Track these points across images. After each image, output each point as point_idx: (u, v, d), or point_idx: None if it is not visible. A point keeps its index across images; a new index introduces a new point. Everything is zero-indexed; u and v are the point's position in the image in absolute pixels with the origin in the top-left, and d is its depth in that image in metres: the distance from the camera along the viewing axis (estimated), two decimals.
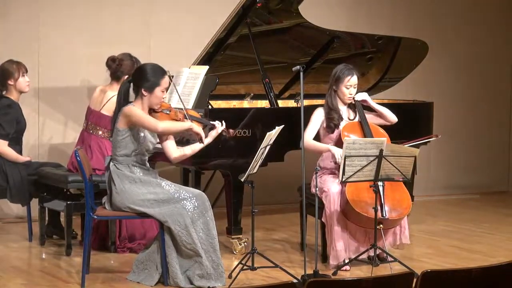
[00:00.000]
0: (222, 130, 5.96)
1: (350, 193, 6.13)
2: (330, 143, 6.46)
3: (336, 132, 6.44)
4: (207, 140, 5.94)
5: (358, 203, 6.11)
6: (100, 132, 6.84)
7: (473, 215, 8.55)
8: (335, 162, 6.32)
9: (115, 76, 6.89)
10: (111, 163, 5.77)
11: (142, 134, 5.76)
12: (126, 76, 6.85)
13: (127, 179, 5.72)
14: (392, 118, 6.62)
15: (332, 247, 6.19)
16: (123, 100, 5.78)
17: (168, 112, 5.84)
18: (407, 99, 8.31)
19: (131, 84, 5.82)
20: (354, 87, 6.48)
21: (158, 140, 5.89)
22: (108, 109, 6.80)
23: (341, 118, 6.48)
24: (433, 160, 9.69)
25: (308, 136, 6.43)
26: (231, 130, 6.03)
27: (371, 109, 6.63)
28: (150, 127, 5.72)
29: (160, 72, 5.82)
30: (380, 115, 6.60)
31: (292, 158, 6.87)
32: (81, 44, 8.16)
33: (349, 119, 6.53)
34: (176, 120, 5.86)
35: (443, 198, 9.55)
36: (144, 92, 5.75)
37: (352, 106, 6.56)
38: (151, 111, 5.80)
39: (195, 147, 5.94)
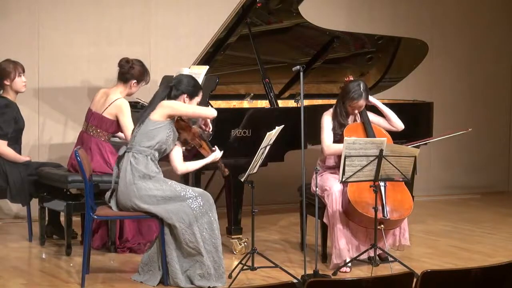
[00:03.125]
0: (219, 163, 6.01)
1: (351, 193, 6.13)
2: None
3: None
4: (205, 161, 5.97)
5: (360, 203, 6.11)
6: (101, 135, 6.82)
7: (473, 215, 8.55)
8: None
9: (123, 78, 6.84)
10: (129, 153, 5.77)
11: (170, 131, 5.79)
12: (135, 81, 6.81)
13: (138, 173, 5.72)
14: (398, 124, 6.60)
15: (334, 245, 6.19)
16: (161, 100, 5.82)
17: (192, 126, 5.94)
18: (407, 99, 8.31)
19: (170, 89, 5.87)
20: (359, 109, 6.48)
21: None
22: (110, 113, 6.77)
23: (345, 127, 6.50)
24: (433, 160, 9.69)
25: (328, 141, 6.42)
26: (226, 169, 6.07)
27: (379, 113, 6.61)
28: (207, 113, 5.85)
29: (199, 86, 5.99)
30: (385, 117, 6.58)
31: (292, 158, 6.87)
32: (81, 44, 8.16)
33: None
34: (196, 133, 5.91)
35: (443, 198, 9.55)
36: (186, 98, 5.84)
37: None
38: (179, 119, 5.86)
39: (199, 163, 5.97)
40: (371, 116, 6.58)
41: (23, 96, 7.33)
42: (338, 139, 6.43)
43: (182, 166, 5.95)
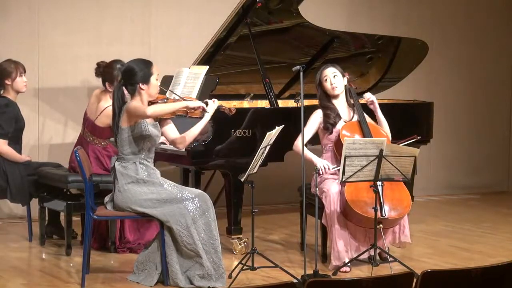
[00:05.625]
0: (222, 108, 5.94)
1: (349, 194, 6.13)
2: (329, 144, 6.45)
3: (334, 132, 6.42)
4: (206, 118, 5.87)
5: (357, 203, 6.10)
6: (96, 142, 6.82)
7: (473, 215, 8.55)
8: (318, 173, 6.27)
9: (103, 84, 6.85)
10: (117, 162, 5.77)
11: (146, 129, 5.74)
12: (107, 83, 6.78)
13: (130, 179, 5.72)
14: (387, 131, 6.55)
15: (333, 247, 6.18)
16: (121, 103, 5.76)
17: (165, 101, 5.86)
18: (407, 99, 8.31)
19: (124, 86, 5.79)
20: (334, 76, 6.44)
21: (161, 136, 5.88)
22: (101, 122, 6.77)
23: (338, 117, 6.45)
24: (433, 160, 9.69)
25: (299, 142, 6.41)
26: (231, 108, 6.02)
27: (373, 116, 6.60)
28: (140, 115, 5.66)
29: (146, 62, 5.81)
30: (378, 122, 6.56)
31: (292, 158, 6.86)
32: (81, 43, 8.17)
33: (349, 118, 6.50)
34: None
35: (443, 198, 9.55)
36: (142, 86, 5.73)
37: (352, 105, 6.54)
38: (149, 103, 5.79)
39: (200, 124, 5.87)
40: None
41: (23, 96, 7.33)
42: (330, 130, 6.41)
43: (183, 140, 5.89)
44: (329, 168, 6.30)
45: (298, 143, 6.39)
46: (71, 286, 5.79)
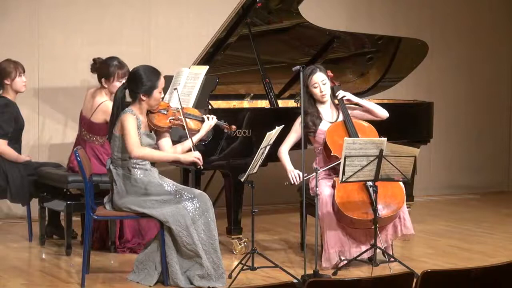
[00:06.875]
0: (222, 126, 5.98)
1: (339, 198, 6.11)
2: (319, 147, 6.44)
3: (321, 134, 6.39)
4: (199, 134, 5.90)
5: (348, 206, 6.08)
6: (94, 139, 6.81)
7: (473, 215, 8.54)
8: (291, 183, 6.28)
9: (98, 79, 6.85)
10: (111, 166, 5.77)
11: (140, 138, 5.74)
12: (103, 79, 6.77)
13: (128, 180, 5.72)
14: (382, 113, 6.51)
15: (324, 249, 6.18)
16: (120, 107, 5.75)
17: (165, 112, 5.84)
18: (407, 99, 8.31)
19: (126, 90, 5.79)
20: (323, 83, 6.41)
21: (155, 141, 5.88)
22: (97, 118, 6.75)
23: (319, 119, 6.43)
24: (433, 160, 9.69)
25: (283, 148, 6.42)
26: (233, 126, 6.07)
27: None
28: (127, 147, 5.64)
29: (155, 74, 5.77)
30: (370, 112, 6.53)
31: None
32: (81, 44, 8.17)
33: (333, 119, 6.48)
34: (174, 119, 5.84)
35: (443, 198, 9.55)
36: (142, 97, 5.73)
37: (336, 105, 6.53)
38: (148, 112, 5.79)
39: (185, 146, 5.90)
40: (356, 111, 6.53)
41: (23, 96, 7.33)
42: (313, 135, 6.41)
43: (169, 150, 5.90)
44: (299, 177, 6.26)
45: (281, 150, 6.41)
46: (71, 286, 5.79)
